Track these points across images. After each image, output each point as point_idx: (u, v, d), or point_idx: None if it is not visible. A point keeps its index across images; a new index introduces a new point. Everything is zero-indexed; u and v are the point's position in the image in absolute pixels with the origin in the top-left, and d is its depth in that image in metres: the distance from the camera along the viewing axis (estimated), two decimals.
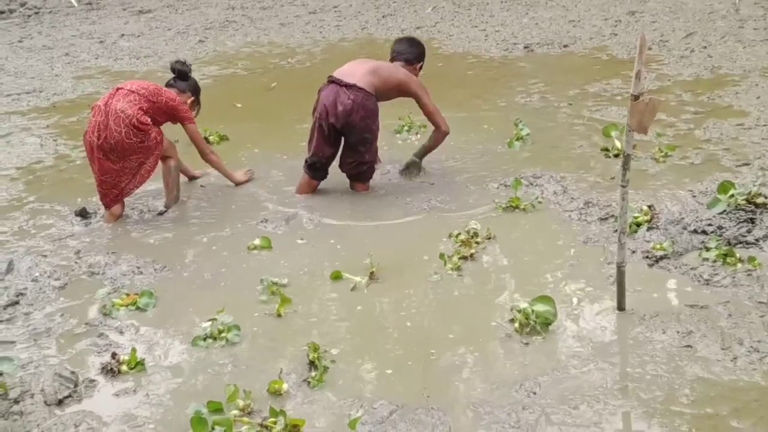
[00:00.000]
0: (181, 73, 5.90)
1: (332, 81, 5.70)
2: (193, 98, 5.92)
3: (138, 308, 4.42)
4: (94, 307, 4.46)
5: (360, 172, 5.83)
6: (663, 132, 6.39)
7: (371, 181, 5.91)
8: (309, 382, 3.67)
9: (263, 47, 10.77)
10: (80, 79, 9.57)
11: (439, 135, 6.01)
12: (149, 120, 5.49)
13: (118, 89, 5.55)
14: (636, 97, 3.54)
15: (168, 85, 5.85)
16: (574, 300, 4.22)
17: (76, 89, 9.12)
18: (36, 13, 13.31)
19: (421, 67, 6.10)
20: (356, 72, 5.70)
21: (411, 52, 6.05)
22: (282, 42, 10.97)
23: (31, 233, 5.46)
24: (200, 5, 13.31)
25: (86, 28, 12.25)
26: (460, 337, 4.00)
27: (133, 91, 5.49)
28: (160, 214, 5.68)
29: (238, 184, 6.06)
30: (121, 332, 4.21)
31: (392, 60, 6.03)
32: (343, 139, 5.76)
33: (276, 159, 6.56)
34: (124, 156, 5.46)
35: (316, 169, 5.86)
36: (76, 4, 13.55)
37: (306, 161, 5.89)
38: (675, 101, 7.18)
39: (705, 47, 8.84)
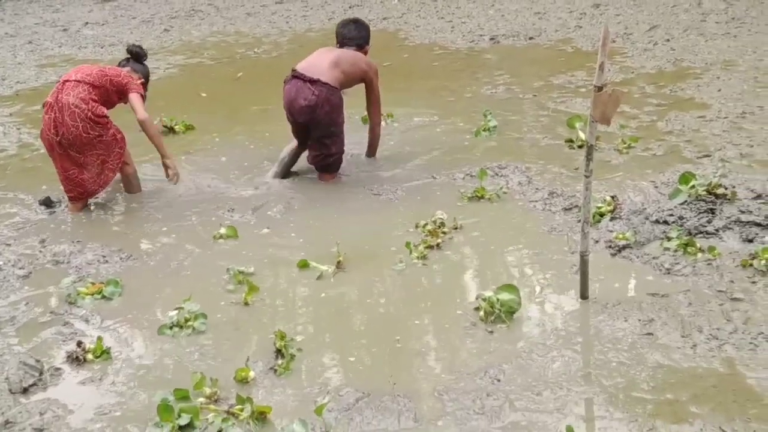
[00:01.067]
0: (137, 56, 5.90)
1: (295, 76, 5.69)
2: (142, 80, 5.83)
3: (103, 297, 4.40)
4: (58, 296, 4.44)
5: (327, 164, 5.85)
6: (626, 124, 6.48)
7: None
8: (276, 370, 3.68)
9: (229, 37, 10.74)
10: (44, 67, 9.48)
11: (378, 128, 6.18)
12: (105, 111, 5.46)
13: (65, 82, 5.48)
14: (599, 89, 3.59)
15: (120, 65, 5.81)
16: (538, 288, 4.27)
17: (39, 77, 9.04)
18: None
19: (367, 50, 6.13)
20: (320, 65, 5.69)
21: (361, 36, 6.07)
22: (248, 32, 10.94)
23: None
24: None
25: (49, 16, 12.13)
26: (425, 325, 4.04)
27: (80, 81, 5.42)
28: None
29: (166, 163, 5.79)
30: (87, 321, 4.20)
31: (341, 45, 6.02)
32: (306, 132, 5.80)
33: (241, 147, 6.54)
34: (83, 151, 5.41)
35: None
36: None
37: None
38: (638, 93, 7.27)
39: (668, 40, 8.95)
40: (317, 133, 5.73)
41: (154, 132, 5.74)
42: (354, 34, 6.03)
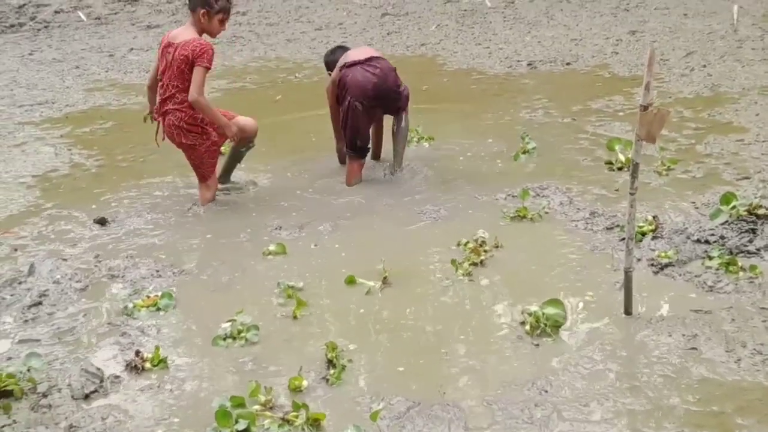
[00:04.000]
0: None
1: (350, 66, 6.14)
2: (204, 9, 5.69)
3: (158, 309, 4.55)
4: (115, 309, 4.58)
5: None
6: (665, 146, 6.55)
7: (381, 190, 6.11)
8: (328, 380, 3.79)
9: (270, 62, 10.95)
10: (91, 91, 9.73)
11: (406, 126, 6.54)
12: (199, 119, 5.75)
13: (162, 102, 5.78)
14: (645, 108, 3.70)
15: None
16: (583, 304, 4.36)
17: (87, 101, 9.28)
18: (45, 27, 13.48)
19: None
20: (366, 51, 6.32)
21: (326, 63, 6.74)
22: (289, 57, 11.14)
23: (50, 238, 5.60)
24: None
25: (95, 42, 12.43)
26: (472, 338, 4.13)
27: (170, 87, 5.73)
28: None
29: (224, 130, 5.87)
30: (143, 332, 4.34)
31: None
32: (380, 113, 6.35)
33: (285, 164, 6.69)
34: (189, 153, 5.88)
35: (362, 148, 6.33)
36: (84, 19, 13.72)
37: (349, 148, 6.31)
38: (676, 118, 7.34)
39: (704, 66, 9.01)
40: (392, 97, 6.27)
41: (205, 107, 5.75)
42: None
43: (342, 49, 6.72)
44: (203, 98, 5.62)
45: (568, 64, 9.78)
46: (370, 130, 6.51)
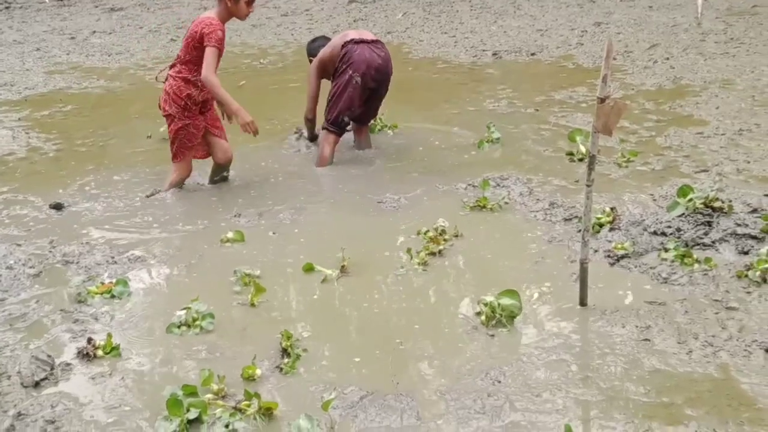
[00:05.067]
0: None
1: (357, 42, 6.29)
2: None
3: (113, 296, 4.49)
4: (69, 295, 4.52)
5: (374, 116, 6.84)
6: (626, 138, 6.59)
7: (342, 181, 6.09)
8: (282, 369, 3.77)
9: (235, 47, 10.86)
10: (52, 74, 9.59)
11: None
12: (185, 94, 5.74)
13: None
14: (602, 100, 3.70)
15: None
16: (539, 295, 4.37)
17: (47, 83, 9.15)
18: (6, 7, 13.30)
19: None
20: (368, 34, 6.48)
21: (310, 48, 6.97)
22: (254, 43, 11.07)
23: (5, 223, 5.53)
24: (172, 4, 13.38)
25: (57, 24, 12.26)
26: (427, 328, 4.13)
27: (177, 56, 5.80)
28: (148, 196, 5.84)
29: (233, 114, 5.78)
30: (96, 319, 4.29)
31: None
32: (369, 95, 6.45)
33: (245, 153, 6.65)
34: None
35: (344, 125, 6.43)
36: (47, 0, 13.52)
37: (330, 122, 6.39)
38: (638, 109, 7.39)
39: (668, 58, 9.07)
40: (383, 90, 6.51)
41: (216, 87, 5.68)
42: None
43: (324, 38, 6.86)
44: (214, 77, 5.58)
45: (533, 54, 9.81)
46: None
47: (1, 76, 9.45)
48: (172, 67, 5.84)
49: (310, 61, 6.70)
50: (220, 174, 6.15)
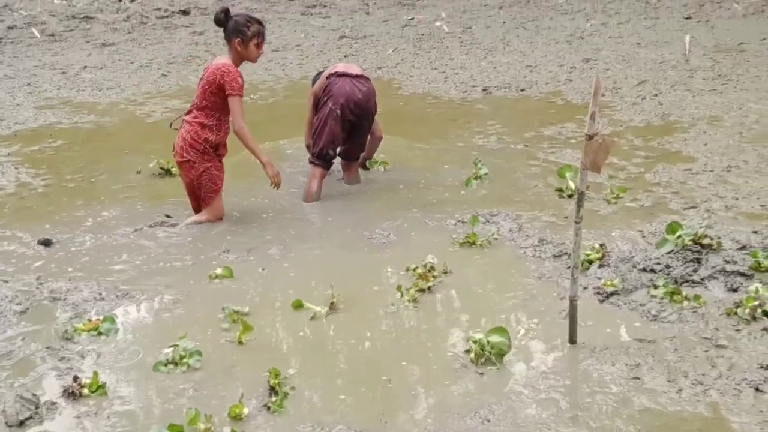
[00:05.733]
0: (217, 22, 5.84)
1: (341, 75, 6.40)
2: (239, 38, 5.75)
3: (100, 333, 4.45)
4: (55, 332, 4.48)
5: (361, 152, 6.81)
6: (615, 175, 6.62)
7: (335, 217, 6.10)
8: (269, 407, 3.74)
9: None
10: (42, 109, 9.59)
11: (376, 141, 6.97)
12: (203, 138, 5.78)
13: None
14: (590, 137, 3.72)
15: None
16: (528, 332, 4.36)
17: (37, 119, 9.15)
18: None
19: None
20: (356, 68, 6.59)
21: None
22: (245, 78, 11.07)
23: None
24: (163, 40, 13.42)
25: (48, 59, 12.28)
26: (416, 366, 4.10)
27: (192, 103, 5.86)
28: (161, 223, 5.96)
29: (264, 168, 5.88)
30: (83, 356, 4.25)
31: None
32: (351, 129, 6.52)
33: (236, 191, 6.65)
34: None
35: (329, 158, 6.47)
36: (38, 36, 13.56)
37: (315, 156, 6.46)
38: (627, 146, 7.42)
39: (656, 95, 9.13)
40: (366, 124, 6.58)
41: (248, 139, 5.83)
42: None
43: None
44: (247, 128, 5.72)
45: (522, 90, 9.87)
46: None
47: None
48: (188, 113, 5.87)
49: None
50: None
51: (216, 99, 5.71)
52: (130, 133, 8.69)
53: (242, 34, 5.75)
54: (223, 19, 5.77)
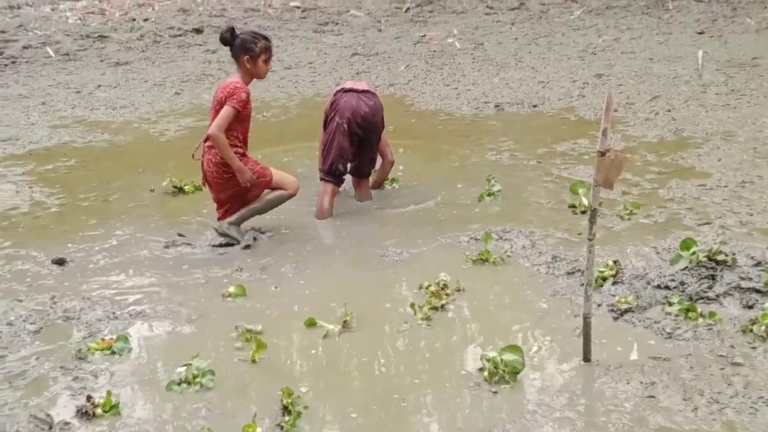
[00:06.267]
0: (223, 41, 5.84)
1: (347, 91, 6.45)
2: (247, 56, 5.77)
3: (113, 353, 4.46)
4: (69, 352, 4.50)
5: (372, 168, 6.81)
6: (628, 191, 6.59)
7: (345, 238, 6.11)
8: (282, 427, 3.73)
9: None
10: (56, 128, 9.64)
11: (388, 165, 6.96)
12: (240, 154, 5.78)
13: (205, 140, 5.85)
14: (603, 154, 3.71)
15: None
16: (542, 350, 4.34)
17: (52, 138, 9.19)
18: (13, 62, 13.39)
19: None
20: (364, 84, 6.66)
21: None
22: (257, 96, 11.07)
23: (6, 278, 5.51)
24: (177, 58, 13.48)
25: (63, 78, 12.35)
26: (429, 384, 4.09)
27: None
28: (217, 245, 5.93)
29: (238, 174, 5.78)
30: (96, 376, 4.26)
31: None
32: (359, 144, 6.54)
33: None
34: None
35: (339, 174, 6.50)
36: (53, 55, 13.65)
37: (326, 172, 6.49)
38: (640, 161, 7.40)
39: (669, 110, 9.11)
40: (374, 138, 6.59)
41: (224, 148, 5.76)
42: None
43: None
44: (222, 135, 5.67)
45: (534, 106, 9.85)
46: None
47: (6, 130, 9.49)
48: (206, 140, 5.87)
49: None
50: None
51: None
52: (143, 151, 8.72)
53: (250, 51, 5.77)
54: (229, 37, 5.78)
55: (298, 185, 6.11)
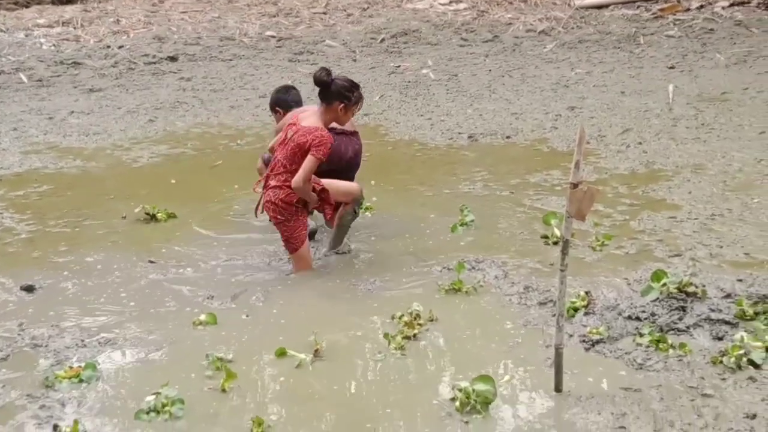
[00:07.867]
0: (320, 83, 5.73)
1: (338, 133, 6.37)
2: (343, 104, 5.77)
3: (81, 381, 4.41)
4: (36, 379, 4.44)
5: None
6: (600, 222, 6.63)
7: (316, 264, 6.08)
8: None
9: (213, 128, 10.91)
10: (28, 153, 9.57)
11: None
12: (295, 200, 5.77)
13: (268, 175, 5.88)
14: (575, 186, 3.74)
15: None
16: (514, 380, 4.34)
17: (23, 164, 9.12)
18: None
19: None
20: (311, 107, 6.43)
21: None
22: (232, 124, 11.12)
23: None
24: (151, 86, 13.43)
25: (35, 104, 12.28)
26: (400, 414, 4.08)
27: (279, 164, 5.78)
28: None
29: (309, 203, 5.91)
30: (64, 404, 4.21)
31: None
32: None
33: (217, 237, 6.63)
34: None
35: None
36: (26, 81, 13.57)
37: None
38: (611, 193, 7.45)
39: (640, 143, 9.20)
40: (352, 176, 6.64)
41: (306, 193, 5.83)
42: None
43: (294, 89, 7.22)
44: (307, 186, 5.70)
45: (508, 137, 9.91)
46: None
47: None
48: (271, 176, 5.84)
49: (276, 115, 7.14)
50: (352, 215, 6.23)
51: (303, 160, 5.65)
52: (115, 178, 8.67)
53: (347, 99, 5.74)
54: (326, 78, 5.71)
55: (358, 190, 6.18)
